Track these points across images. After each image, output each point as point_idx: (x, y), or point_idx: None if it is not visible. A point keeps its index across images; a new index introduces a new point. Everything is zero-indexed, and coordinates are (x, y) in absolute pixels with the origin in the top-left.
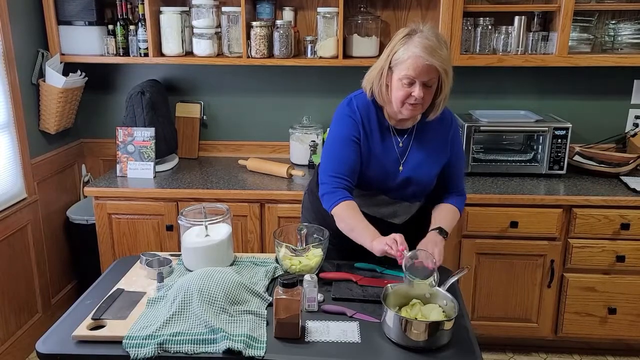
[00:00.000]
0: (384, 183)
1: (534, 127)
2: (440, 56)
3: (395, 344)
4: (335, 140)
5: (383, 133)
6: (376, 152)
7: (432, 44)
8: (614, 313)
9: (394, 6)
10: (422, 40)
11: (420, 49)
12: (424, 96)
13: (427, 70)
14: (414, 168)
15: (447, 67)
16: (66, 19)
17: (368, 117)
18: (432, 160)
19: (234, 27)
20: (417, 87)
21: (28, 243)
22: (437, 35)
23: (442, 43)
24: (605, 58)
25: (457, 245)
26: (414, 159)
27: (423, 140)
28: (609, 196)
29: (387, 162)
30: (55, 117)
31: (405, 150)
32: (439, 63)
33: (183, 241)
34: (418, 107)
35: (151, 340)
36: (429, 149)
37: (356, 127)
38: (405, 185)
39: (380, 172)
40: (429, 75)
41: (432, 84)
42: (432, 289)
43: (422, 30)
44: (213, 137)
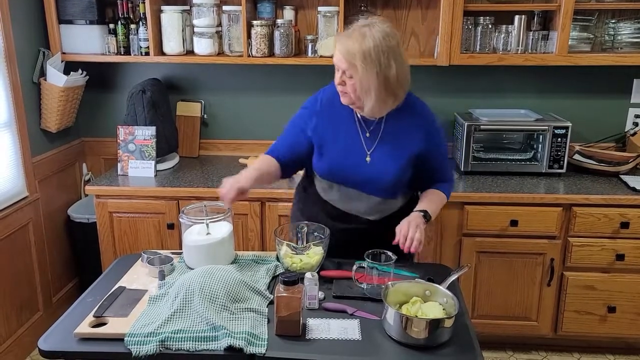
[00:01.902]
0: (351, 173)
1: (534, 126)
2: (347, 49)
3: (396, 341)
4: (289, 124)
5: (347, 122)
6: (339, 140)
7: (351, 38)
8: (614, 311)
9: (394, 5)
10: (349, 32)
11: (342, 41)
12: (346, 85)
13: (340, 61)
14: (381, 159)
15: (358, 63)
16: (67, 17)
17: (332, 105)
18: (399, 153)
19: (235, 26)
20: (338, 73)
21: (29, 241)
22: (372, 33)
23: (370, 42)
24: (605, 57)
25: (458, 244)
26: (381, 150)
27: (391, 132)
28: (608, 195)
29: (351, 151)
30: (56, 116)
31: (373, 141)
32: (345, 55)
33: (184, 239)
34: (343, 93)
35: (153, 338)
36: (396, 141)
37: (308, 116)
38: (372, 176)
39: (344, 161)
40: (341, 64)
41: (350, 75)
42: (433, 287)
43: (366, 25)
44: (214, 136)
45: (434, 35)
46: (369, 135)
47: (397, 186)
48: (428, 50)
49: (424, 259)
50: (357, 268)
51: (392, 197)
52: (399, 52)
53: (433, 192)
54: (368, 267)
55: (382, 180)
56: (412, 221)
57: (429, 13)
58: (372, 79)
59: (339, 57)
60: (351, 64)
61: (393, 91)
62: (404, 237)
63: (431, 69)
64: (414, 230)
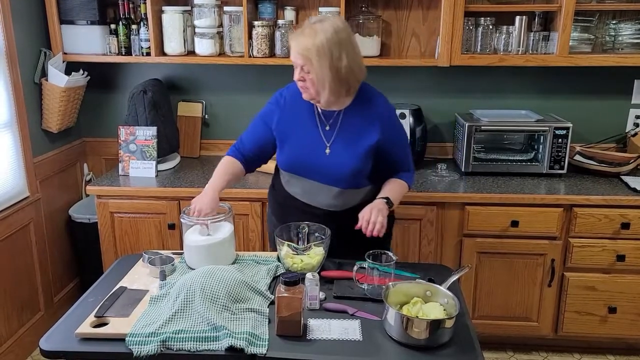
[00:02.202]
0: (311, 165)
1: (535, 127)
2: (301, 44)
3: (397, 342)
4: (254, 119)
5: (308, 117)
6: (300, 133)
7: (304, 33)
8: (614, 312)
9: (395, 6)
10: (304, 31)
11: (295, 38)
12: (305, 79)
13: (296, 57)
14: (339, 151)
15: (313, 57)
16: (69, 18)
17: (294, 101)
18: (357, 144)
19: (236, 27)
20: (297, 70)
21: (30, 241)
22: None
23: (322, 35)
24: (606, 58)
25: (458, 244)
26: (340, 143)
27: (349, 125)
28: (609, 196)
29: (310, 144)
30: (57, 116)
31: (332, 134)
32: (300, 50)
33: (185, 239)
34: (304, 89)
35: (154, 338)
36: (354, 133)
37: (272, 110)
38: (331, 167)
39: (304, 153)
40: (298, 60)
41: (307, 70)
42: (433, 288)
43: (317, 21)
44: (214, 136)
45: (434, 35)
46: (328, 128)
47: (357, 177)
48: (429, 51)
49: (424, 259)
50: (358, 268)
51: (353, 188)
52: (350, 44)
53: (394, 181)
54: (369, 268)
55: (341, 171)
56: (374, 207)
57: (430, 14)
58: (325, 71)
59: (295, 54)
60: (307, 59)
61: (346, 82)
62: (366, 221)
63: (432, 69)
64: (376, 214)
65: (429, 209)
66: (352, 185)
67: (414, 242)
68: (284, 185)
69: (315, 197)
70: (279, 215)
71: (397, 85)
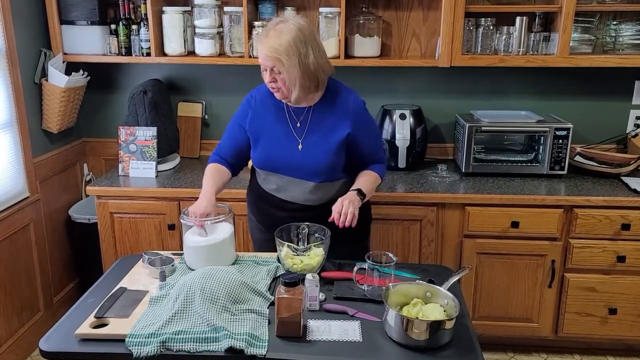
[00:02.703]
0: (284, 161)
1: (535, 128)
2: (270, 46)
3: (397, 343)
4: (228, 124)
5: (278, 114)
6: (270, 132)
7: (270, 35)
8: (615, 313)
9: (396, 7)
10: (269, 33)
11: (261, 41)
12: (276, 81)
13: (265, 60)
14: (311, 146)
15: (282, 57)
16: (69, 18)
17: (264, 101)
18: (328, 139)
19: (236, 27)
20: (267, 73)
21: (30, 242)
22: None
23: (287, 35)
24: (607, 59)
25: (459, 245)
26: (311, 137)
27: (319, 120)
28: (609, 196)
29: (282, 141)
30: (57, 116)
31: (303, 130)
32: (269, 52)
33: (185, 240)
34: (276, 90)
35: (153, 339)
36: (324, 128)
37: (244, 111)
38: (303, 162)
39: (277, 150)
40: (269, 63)
41: (278, 71)
42: (433, 289)
43: (280, 22)
44: (215, 137)
45: (435, 36)
46: (299, 125)
47: (331, 171)
48: (429, 52)
49: (425, 260)
50: (358, 269)
51: (327, 182)
52: (314, 41)
53: (367, 173)
54: (369, 269)
55: (314, 166)
56: (345, 198)
57: (430, 14)
58: (295, 69)
59: (264, 56)
60: (277, 59)
61: (315, 77)
62: (337, 213)
63: (432, 70)
64: (347, 206)
65: (430, 210)
66: (326, 179)
67: (414, 243)
68: (260, 184)
69: (291, 192)
70: (256, 213)
71: (398, 86)
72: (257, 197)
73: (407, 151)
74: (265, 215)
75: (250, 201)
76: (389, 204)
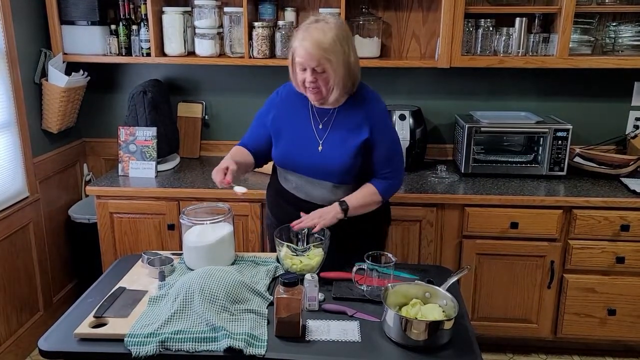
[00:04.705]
0: (304, 160)
1: (535, 129)
2: (322, 47)
3: (396, 343)
4: (253, 120)
5: (303, 115)
6: (292, 131)
7: (317, 34)
8: (614, 314)
9: (396, 7)
10: (312, 31)
11: (305, 39)
12: (317, 81)
13: (310, 58)
14: (331, 147)
15: (331, 56)
16: (69, 18)
17: (289, 99)
18: (348, 142)
19: (236, 28)
20: (307, 72)
21: (30, 242)
22: (337, 27)
23: (332, 33)
24: (606, 60)
25: (458, 246)
26: (332, 139)
27: (342, 122)
28: (609, 197)
29: (303, 140)
30: (57, 116)
31: (325, 131)
32: (319, 52)
33: (184, 240)
34: (316, 91)
35: (153, 338)
36: (346, 131)
37: (268, 109)
38: (322, 163)
39: (296, 149)
40: (314, 62)
41: (321, 71)
42: (432, 289)
43: (319, 20)
44: (214, 137)
45: (435, 37)
46: (321, 126)
47: (348, 173)
48: (429, 52)
49: (424, 260)
50: (357, 270)
51: (344, 183)
52: (352, 39)
53: (366, 186)
54: (368, 269)
55: (332, 168)
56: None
57: (430, 15)
58: (341, 68)
59: (307, 55)
60: (325, 58)
61: (354, 76)
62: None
63: (432, 71)
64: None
65: (429, 210)
66: (344, 181)
67: (413, 244)
68: (280, 182)
69: (309, 192)
70: (274, 210)
71: (397, 87)
72: (276, 194)
73: (407, 152)
74: (283, 212)
75: (269, 198)
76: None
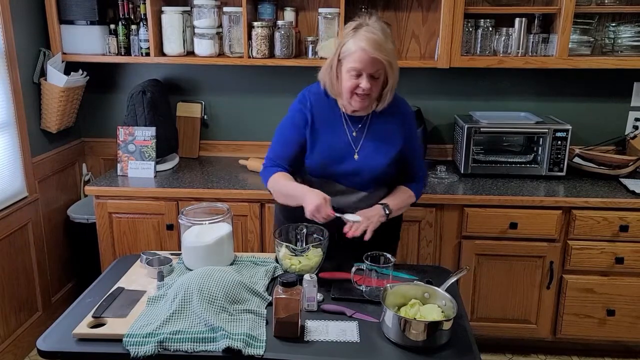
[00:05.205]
0: (338, 169)
1: (534, 129)
2: (384, 49)
3: (394, 343)
4: (279, 129)
5: (336, 122)
6: (327, 139)
7: (377, 38)
8: (613, 315)
9: (395, 7)
10: (368, 34)
11: (365, 42)
12: (371, 87)
13: (372, 63)
14: (367, 156)
15: (392, 59)
16: (68, 18)
17: (320, 106)
18: (385, 149)
19: (235, 27)
20: (364, 78)
21: (29, 241)
22: (383, 29)
23: (388, 36)
24: (606, 60)
25: (457, 246)
26: (368, 147)
27: (377, 129)
28: (608, 198)
29: (339, 149)
30: (56, 116)
31: (360, 138)
32: (384, 56)
33: (183, 240)
34: (366, 98)
35: (151, 339)
36: (381, 137)
37: (302, 116)
38: (359, 172)
39: (332, 158)
40: (374, 67)
41: (378, 76)
42: (431, 290)
43: (369, 23)
44: (214, 137)
45: (434, 37)
46: (355, 134)
47: (384, 181)
48: (428, 53)
49: (423, 261)
50: (356, 270)
51: (376, 192)
52: None
53: (403, 189)
54: (367, 269)
55: (370, 176)
56: (366, 212)
57: (430, 15)
58: (397, 73)
59: (368, 60)
60: (388, 63)
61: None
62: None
63: (431, 71)
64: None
65: (428, 211)
66: (376, 189)
67: (412, 244)
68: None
69: (339, 200)
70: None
71: (397, 87)
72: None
73: None
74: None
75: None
76: None
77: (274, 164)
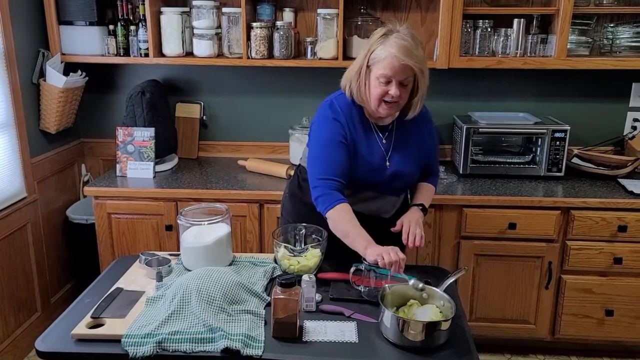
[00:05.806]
0: (372, 179)
1: (533, 129)
2: (415, 56)
3: (393, 344)
4: (322, 143)
5: (366, 131)
6: (362, 150)
7: (408, 44)
8: (611, 315)
9: (394, 8)
10: (399, 41)
11: (396, 48)
12: (401, 94)
13: (403, 70)
14: (400, 162)
15: (423, 66)
16: (67, 18)
17: (351, 116)
18: (413, 155)
19: (234, 28)
20: (393, 85)
21: (28, 242)
22: (413, 36)
23: (417, 43)
24: (604, 61)
25: (456, 246)
26: (397, 155)
27: (405, 136)
28: (606, 198)
29: (373, 159)
30: (55, 117)
31: (389, 146)
32: (415, 63)
33: (182, 241)
34: (394, 105)
35: (150, 339)
36: (411, 143)
37: (342, 128)
38: (392, 179)
39: (367, 169)
40: (404, 74)
41: (408, 83)
42: (430, 290)
43: (399, 30)
44: (213, 138)
45: (433, 38)
46: (385, 141)
47: (412, 183)
48: (427, 53)
49: (422, 261)
50: (355, 270)
51: (403, 193)
52: None
53: (426, 186)
54: (365, 270)
55: (402, 183)
56: (412, 219)
57: (429, 16)
58: (427, 80)
59: (400, 67)
60: (420, 70)
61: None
62: (406, 233)
63: (430, 71)
64: (414, 227)
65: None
66: (404, 193)
67: None
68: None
69: (369, 206)
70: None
71: None
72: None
73: None
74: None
75: (296, 211)
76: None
77: (330, 186)
